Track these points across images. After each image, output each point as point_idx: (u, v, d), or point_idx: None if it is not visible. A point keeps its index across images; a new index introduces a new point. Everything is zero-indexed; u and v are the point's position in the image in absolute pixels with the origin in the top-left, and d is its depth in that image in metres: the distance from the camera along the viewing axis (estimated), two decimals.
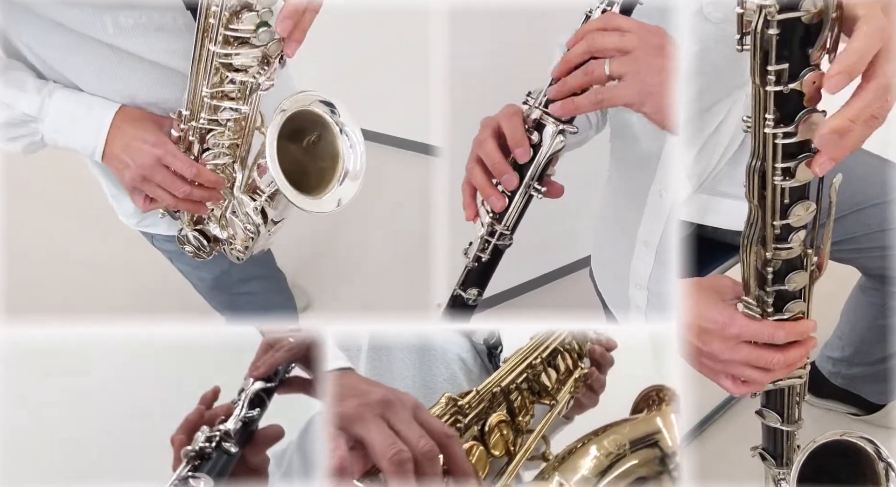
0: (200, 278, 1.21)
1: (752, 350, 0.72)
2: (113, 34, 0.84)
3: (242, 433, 0.71)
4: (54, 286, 1.87)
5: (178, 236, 1.05)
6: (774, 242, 0.66)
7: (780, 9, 0.52)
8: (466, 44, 1.44)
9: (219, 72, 0.82)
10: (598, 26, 0.76)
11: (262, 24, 0.78)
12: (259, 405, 0.74)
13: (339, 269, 2.02)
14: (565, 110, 0.77)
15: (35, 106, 0.88)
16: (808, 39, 0.53)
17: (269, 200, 0.91)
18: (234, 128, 0.89)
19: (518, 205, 0.81)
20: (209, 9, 0.77)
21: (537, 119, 0.80)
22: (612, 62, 0.74)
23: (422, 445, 0.59)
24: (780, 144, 0.58)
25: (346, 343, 0.83)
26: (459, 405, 0.69)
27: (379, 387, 0.65)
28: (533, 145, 0.79)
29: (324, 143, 0.91)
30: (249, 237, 0.97)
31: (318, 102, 0.89)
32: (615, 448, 0.81)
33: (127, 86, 0.90)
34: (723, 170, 1.09)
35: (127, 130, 0.89)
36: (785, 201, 0.62)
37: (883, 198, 1.15)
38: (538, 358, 0.84)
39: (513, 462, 0.72)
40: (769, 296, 0.70)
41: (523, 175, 0.80)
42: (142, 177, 0.90)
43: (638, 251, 1.07)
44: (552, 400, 0.83)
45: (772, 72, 0.54)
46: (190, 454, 0.66)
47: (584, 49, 0.76)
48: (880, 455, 0.87)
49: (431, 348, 0.90)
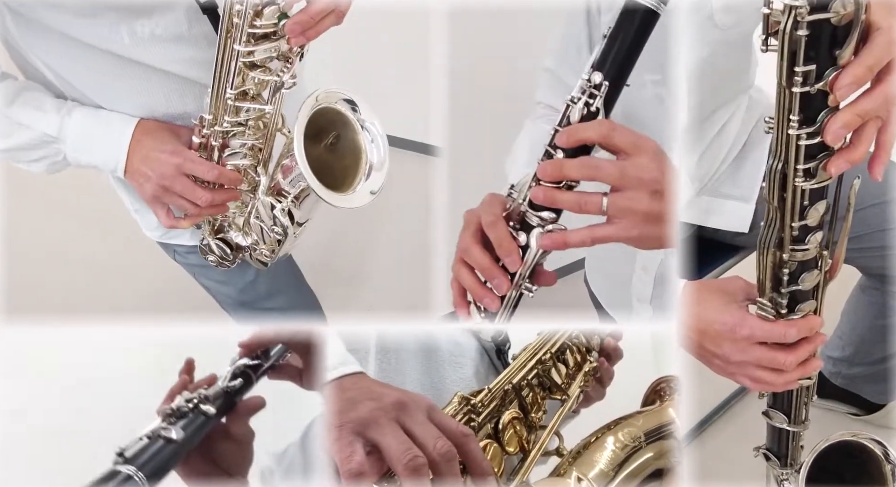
0: (226, 294, 1.19)
1: (764, 351, 0.73)
2: (129, 45, 0.85)
3: (224, 400, 0.71)
4: (54, 286, 1.85)
5: (200, 246, 1.04)
6: (792, 244, 0.66)
7: (810, 10, 0.52)
8: (466, 44, 1.44)
9: (241, 72, 0.82)
10: (595, 138, 0.69)
11: (283, 16, 0.79)
12: (244, 379, 0.74)
13: (338, 269, 2.01)
14: (555, 245, 0.72)
15: (55, 126, 0.89)
16: (835, 41, 0.54)
17: (295, 201, 0.91)
18: (256, 129, 0.89)
19: (510, 304, 0.77)
20: (233, 8, 0.77)
21: (522, 215, 0.74)
22: (611, 201, 0.68)
23: (438, 447, 0.59)
24: (802, 145, 0.58)
25: (353, 347, 0.83)
26: (472, 403, 0.68)
27: (393, 390, 0.64)
28: (521, 247, 0.74)
29: (344, 142, 0.91)
30: (276, 240, 0.96)
31: (342, 101, 0.89)
32: (630, 440, 0.81)
33: (144, 97, 0.90)
34: (725, 172, 1.09)
35: (146, 143, 0.90)
36: (804, 203, 0.63)
37: (883, 198, 1.15)
38: (547, 353, 0.83)
39: (528, 459, 0.72)
40: (783, 297, 0.70)
41: (513, 275, 0.75)
42: (162, 187, 0.90)
43: (637, 274, 1.07)
44: (563, 394, 0.83)
45: (798, 73, 0.54)
46: (166, 411, 0.65)
47: (579, 172, 0.70)
48: (888, 456, 0.87)
49: (438, 349, 0.89)
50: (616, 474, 0.77)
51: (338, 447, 0.58)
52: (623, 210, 0.68)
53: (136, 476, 0.56)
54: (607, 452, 0.79)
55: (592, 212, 0.70)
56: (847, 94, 0.56)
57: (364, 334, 0.85)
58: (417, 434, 0.59)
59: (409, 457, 0.57)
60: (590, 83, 0.69)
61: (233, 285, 1.16)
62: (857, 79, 0.55)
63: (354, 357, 0.80)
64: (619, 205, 0.68)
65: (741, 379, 0.76)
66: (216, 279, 1.16)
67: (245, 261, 1.05)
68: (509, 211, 0.75)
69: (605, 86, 0.69)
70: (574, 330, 0.90)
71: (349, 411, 0.61)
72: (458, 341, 0.92)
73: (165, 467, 0.60)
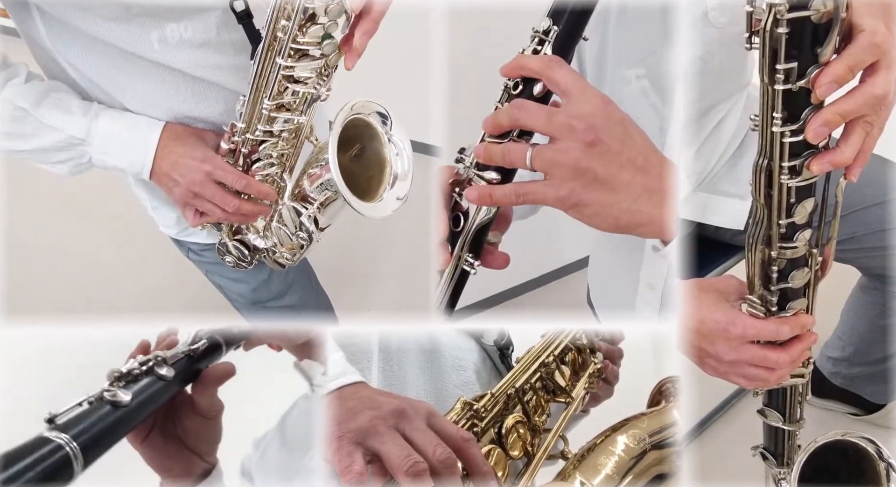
0: (239, 293, 1.19)
1: (756, 350, 0.73)
2: (159, 51, 0.86)
3: (185, 365, 0.63)
4: (54, 286, 1.87)
5: (218, 246, 1.05)
6: (780, 241, 0.66)
7: (789, 7, 0.52)
8: (466, 44, 1.44)
9: (280, 84, 0.83)
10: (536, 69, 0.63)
11: (326, 37, 0.79)
12: (211, 344, 0.68)
13: (338, 269, 2.01)
14: (480, 198, 0.65)
15: (83, 129, 0.89)
16: (817, 38, 0.54)
17: (321, 207, 0.92)
18: (288, 138, 0.90)
19: (448, 282, 0.70)
20: (278, 22, 0.78)
21: (470, 179, 0.67)
22: (535, 152, 0.61)
23: (438, 453, 0.59)
24: (787, 142, 0.59)
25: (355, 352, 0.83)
26: (475, 409, 0.68)
27: (393, 398, 0.65)
28: (464, 212, 0.68)
29: (369, 153, 0.92)
30: (300, 244, 0.97)
31: (375, 113, 0.90)
32: (636, 443, 0.80)
33: (171, 101, 0.91)
34: (723, 168, 1.09)
35: (174, 148, 0.91)
36: (791, 200, 0.63)
37: (883, 198, 1.15)
38: (550, 355, 0.83)
39: (532, 463, 0.72)
40: (773, 295, 0.70)
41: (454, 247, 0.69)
42: (192, 193, 0.91)
43: (641, 292, 1.05)
44: (567, 397, 0.83)
45: (780, 70, 0.54)
46: (114, 374, 0.56)
47: (506, 116, 0.63)
48: (881, 455, 0.87)
49: (441, 353, 0.90)
50: (622, 479, 0.76)
51: (338, 457, 0.58)
52: (548, 162, 0.60)
53: (68, 446, 0.46)
54: (613, 456, 0.78)
55: (517, 164, 0.62)
56: (827, 93, 0.56)
57: (367, 340, 0.85)
58: (417, 441, 0.60)
59: (409, 464, 0.57)
60: (538, 31, 0.65)
61: (246, 283, 1.17)
62: (837, 78, 0.55)
63: (358, 361, 0.80)
64: (544, 155, 0.60)
65: (734, 378, 0.76)
66: (230, 277, 1.16)
67: (262, 262, 1.06)
68: (458, 177, 0.69)
69: (553, 31, 0.64)
70: (577, 332, 0.90)
71: (349, 421, 0.61)
72: (461, 345, 0.93)
73: (109, 437, 0.51)
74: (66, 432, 0.47)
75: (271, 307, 1.22)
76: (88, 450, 0.47)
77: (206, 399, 0.66)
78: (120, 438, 0.53)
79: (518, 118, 0.62)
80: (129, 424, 0.54)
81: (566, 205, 0.61)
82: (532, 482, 0.71)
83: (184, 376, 0.63)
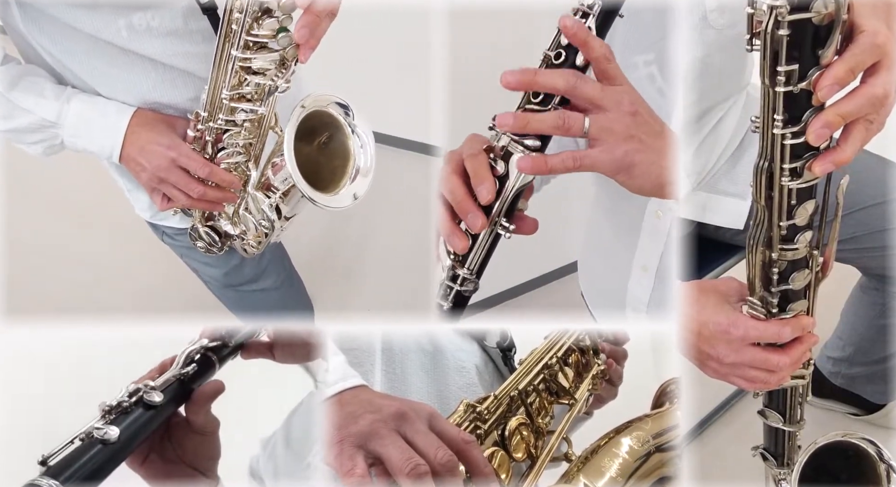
0: (212, 276, 1.23)
1: (757, 352, 0.73)
2: (127, 38, 0.88)
3: (178, 389, 0.65)
4: (54, 286, 1.87)
5: (190, 231, 1.07)
6: (781, 243, 0.66)
7: (790, 9, 0.52)
8: (466, 44, 1.44)
9: (238, 74, 0.85)
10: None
11: (281, 30, 0.82)
12: (203, 363, 0.69)
13: (338, 270, 2.01)
14: (536, 167, 0.68)
15: (54, 112, 0.92)
16: (818, 40, 0.54)
17: (283, 197, 0.94)
18: (250, 127, 0.92)
19: (482, 245, 0.72)
20: (231, 14, 0.81)
21: (504, 147, 0.70)
22: (593, 120, 0.67)
23: (439, 456, 0.59)
24: (788, 145, 0.58)
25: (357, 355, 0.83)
26: (478, 411, 0.68)
27: (393, 401, 0.64)
28: (499, 177, 0.70)
29: (335, 143, 0.94)
30: (263, 232, 1.00)
31: (334, 104, 0.92)
32: (639, 445, 0.80)
33: (141, 87, 0.93)
34: (722, 168, 1.09)
35: (142, 134, 0.93)
36: (792, 202, 0.63)
37: (883, 198, 1.15)
38: (553, 357, 0.83)
39: (536, 465, 0.72)
40: (774, 297, 0.70)
41: (489, 211, 0.70)
42: (158, 178, 0.94)
43: (635, 276, 1.06)
44: (571, 399, 0.82)
45: (781, 73, 0.54)
46: (104, 407, 0.58)
47: (563, 80, 0.67)
48: (881, 456, 0.87)
49: (443, 355, 0.90)
50: (626, 482, 0.76)
51: (339, 461, 0.58)
52: (604, 129, 0.67)
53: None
54: (617, 458, 0.78)
55: (575, 132, 0.67)
56: (829, 95, 0.56)
57: (369, 342, 0.85)
58: (418, 443, 0.60)
59: (410, 466, 0.57)
60: (582, 3, 0.69)
61: (218, 267, 1.20)
62: (839, 80, 0.55)
63: (361, 364, 0.80)
64: (601, 123, 0.67)
65: (735, 380, 0.76)
66: (202, 261, 1.19)
67: (233, 248, 1.08)
68: (492, 145, 0.71)
69: (598, 5, 0.68)
70: (580, 332, 0.90)
71: (350, 425, 0.61)
72: (463, 347, 0.93)
73: (99, 474, 0.54)
74: (57, 477, 0.50)
75: (244, 290, 1.25)
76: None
77: (200, 417, 0.68)
78: (111, 472, 0.55)
79: (576, 85, 0.67)
80: (121, 457, 0.57)
81: (621, 166, 0.67)
82: (536, 484, 0.71)
83: (176, 398, 0.66)
